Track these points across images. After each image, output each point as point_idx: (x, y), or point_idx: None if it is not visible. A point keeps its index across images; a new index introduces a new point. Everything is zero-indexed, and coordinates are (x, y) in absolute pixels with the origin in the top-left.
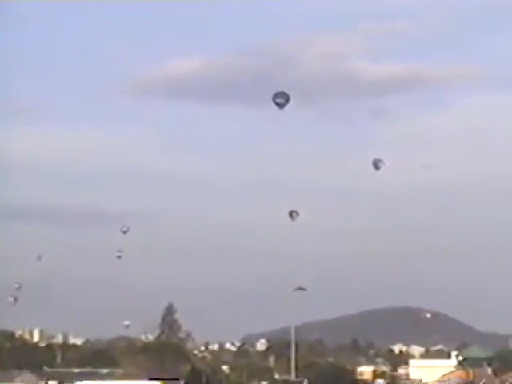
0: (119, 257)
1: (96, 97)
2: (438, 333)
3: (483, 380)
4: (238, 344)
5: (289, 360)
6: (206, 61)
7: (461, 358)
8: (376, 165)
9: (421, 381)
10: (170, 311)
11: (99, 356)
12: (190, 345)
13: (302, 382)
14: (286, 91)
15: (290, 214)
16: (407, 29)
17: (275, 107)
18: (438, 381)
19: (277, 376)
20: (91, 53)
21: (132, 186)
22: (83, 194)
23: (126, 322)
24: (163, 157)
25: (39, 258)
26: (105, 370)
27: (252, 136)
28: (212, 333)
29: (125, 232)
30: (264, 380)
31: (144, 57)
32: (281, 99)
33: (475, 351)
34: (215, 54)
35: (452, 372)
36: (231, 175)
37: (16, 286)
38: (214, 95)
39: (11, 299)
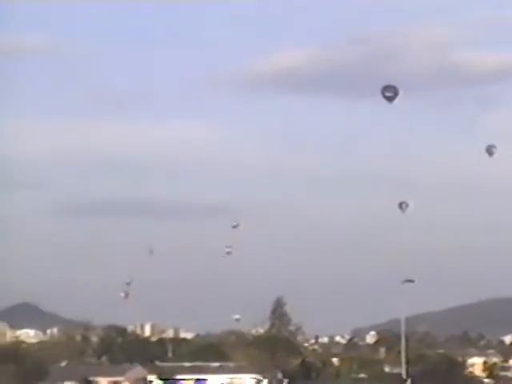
0: (229, 253)
1: (201, 90)
2: None
3: None
4: (347, 337)
5: (399, 352)
6: (313, 53)
7: None
8: (490, 151)
9: None
10: (279, 304)
11: (210, 350)
12: (300, 338)
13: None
14: (394, 84)
15: (400, 205)
16: None
17: (383, 100)
18: None
19: (387, 368)
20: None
21: (238, 179)
22: (188, 189)
23: (236, 316)
24: (270, 150)
25: (151, 252)
26: (215, 364)
27: (359, 128)
28: (322, 326)
29: (235, 227)
30: (374, 372)
31: (251, 49)
32: (390, 92)
33: None
34: (323, 45)
35: None
36: (337, 168)
37: (127, 281)
38: (321, 87)
39: (122, 294)
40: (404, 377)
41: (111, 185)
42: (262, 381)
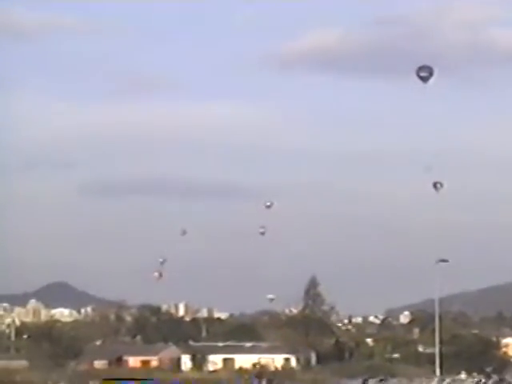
0: (263, 233)
1: (232, 70)
2: None
3: None
4: (381, 317)
5: (433, 332)
6: (343, 33)
7: None
8: None
9: None
10: (313, 284)
11: (243, 330)
12: (333, 318)
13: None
14: (428, 65)
15: (435, 185)
16: None
17: (417, 79)
18: None
19: (421, 348)
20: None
21: (272, 160)
22: (223, 168)
23: (270, 296)
24: (301, 130)
25: (183, 232)
26: (249, 344)
27: (392, 108)
28: (355, 306)
29: (268, 207)
30: (408, 352)
31: (282, 29)
32: (425, 73)
33: None
34: (353, 25)
35: None
36: (370, 147)
37: (160, 260)
38: (353, 68)
39: (156, 274)
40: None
41: (140, 165)
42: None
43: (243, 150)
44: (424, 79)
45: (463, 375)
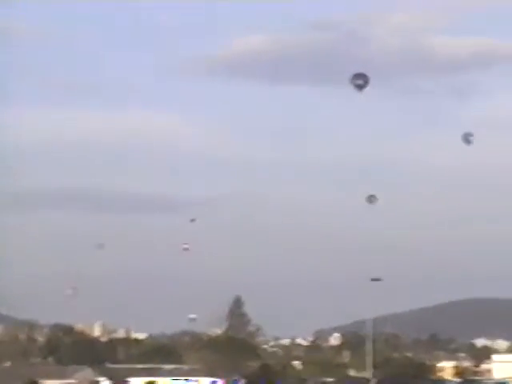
0: (186, 249)
1: (155, 77)
2: None
3: None
4: (310, 339)
5: (364, 355)
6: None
7: None
8: (466, 139)
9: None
10: (237, 304)
11: (163, 351)
12: (259, 339)
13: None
14: (364, 72)
15: (369, 199)
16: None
17: (352, 87)
18: None
19: (352, 372)
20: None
21: (195, 171)
22: (146, 181)
23: (192, 316)
24: (233, 141)
25: (100, 246)
26: (169, 366)
27: (320, 116)
28: (283, 327)
29: (193, 221)
30: (339, 376)
31: (206, 35)
32: (360, 81)
33: None
34: (279, 30)
35: None
36: (299, 159)
37: (75, 277)
38: (279, 74)
39: (70, 292)
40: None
41: (55, 175)
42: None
43: (166, 161)
44: (359, 87)
45: None
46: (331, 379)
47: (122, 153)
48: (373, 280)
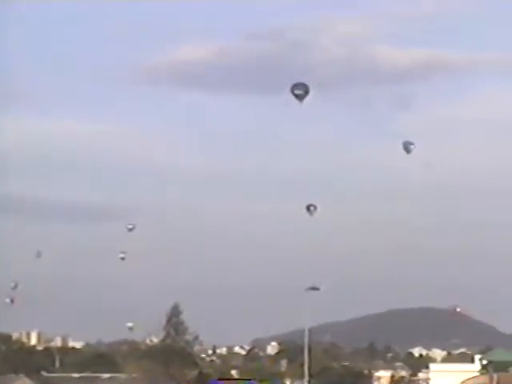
0: (123, 259)
1: (99, 84)
2: (461, 335)
3: None
4: (247, 347)
5: (302, 364)
6: (215, 48)
7: (485, 362)
8: (407, 148)
9: None
10: (175, 312)
11: (100, 360)
12: (197, 348)
13: None
14: (304, 82)
15: (308, 208)
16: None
17: (292, 97)
18: None
19: (288, 382)
20: (93, 37)
21: (134, 180)
22: (84, 188)
23: (129, 324)
24: (168, 149)
25: (38, 254)
26: (106, 375)
27: (265, 127)
28: (220, 336)
29: (130, 229)
30: None
31: (151, 43)
32: (300, 91)
33: (500, 354)
34: (225, 40)
35: (476, 377)
36: (243, 168)
37: (12, 285)
38: (224, 83)
39: (7, 300)
40: None
41: None
42: None
43: (106, 169)
44: (299, 97)
45: None
46: None
47: (55, 161)
48: (310, 289)
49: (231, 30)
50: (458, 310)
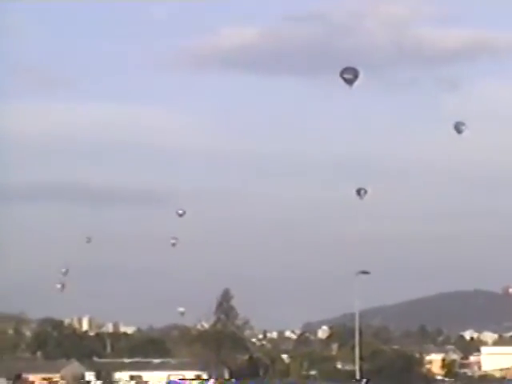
0: (174, 244)
1: (140, 69)
2: None
3: None
4: (298, 332)
5: (352, 348)
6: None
7: None
8: (458, 128)
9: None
10: (226, 297)
11: (151, 345)
12: (247, 333)
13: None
14: (354, 66)
15: (358, 191)
16: None
17: (341, 81)
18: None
19: (339, 365)
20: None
21: (182, 164)
22: (133, 174)
23: (181, 309)
24: (218, 133)
25: (88, 240)
26: (157, 360)
27: (310, 109)
28: (271, 320)
29: (181, 215)
30: (326, 369)
31: (194, 27)
32: (349, 75)
33: None
34: (268, 22)
35: None
36: (289, 151)
37: (63, 270)
38: (273, 66)
39: (59, 286)
40: (358, 375)
41: (38, 169)
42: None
43: (153, 154)
44: (349, 81)
45: None
46: (314, 372)
47: (105, 147)
48: (361, 273)
49: (273, 13)
50: (511, 290)
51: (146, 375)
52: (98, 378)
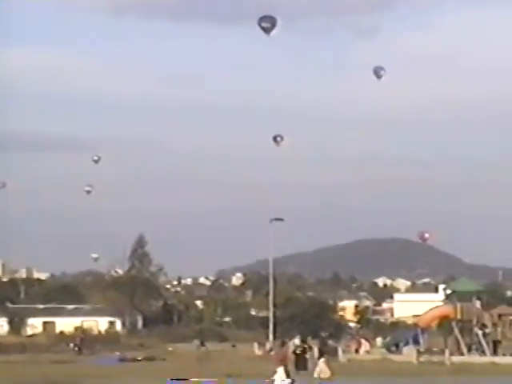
0: (89, 192)
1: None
2: (426, 266)
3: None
4: (212, 278)
5: (267, 295)
6: None
7: (448, 292)
8: (377, 73)
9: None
10: (140, 243)
11: (65, 291)
12: (161, 279)
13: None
14: (271, 15)
15: (275, 138)
16: None
17: (259, 30)
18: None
19: (253, 312)
20: None
21: (104, 112)
22: (55, 120)
23: (94, 255)
24: (137, 82)
25: (3, 185)
26: (71, 306)
27: (228, 58)
28: (185, 266)
29: (96, 161)
30: (240, 316)
31: None
32: (267, 23)
33: (464, 284)
34: None
35: (439, 306)
36: (208, 99)
37: None
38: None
39: None
40: (271, 321)
41: None
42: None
43: (74, 101)
44: (266, 30)
45: (297, 340)
46: (228, 319)
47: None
48: (275, 220)
49: None
50: (427, 235)
51: (59, 321)
52: (10, 323)
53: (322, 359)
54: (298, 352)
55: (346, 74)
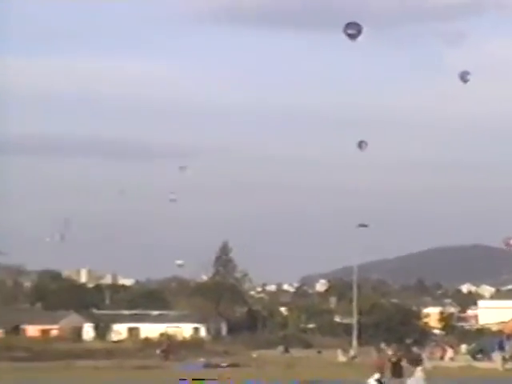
0: (174, 200)
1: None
2: (510, 272)
3: None
4: (296, 285)
5: (351, 301)
6: None
7: None
8: (463, 77)
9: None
10: (225, 250)
11: (150, 297)
12: (246, 285)
13: None
14: (357, 22)
15: (359, 144)
16: None
17: (345, 37)
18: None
19: (337, 318)
20: None
21: (183, 120)
22: (134, 128)
23: (179, 262)
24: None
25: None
26: (156, 312)
27: (313, 65)
28: (270, 273)
29: (182, 169)
30: (324, 322)
31: None
32: (353, 30)
33: None
34: None
35: None
36: (294, 106)
37: (62, 222)
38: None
39: (57, 237)
40: (355, 328)
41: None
42: None
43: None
44: (352, 36)
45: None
46: (312, 325)
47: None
48: (360, 226)
49: None
50: None
51: (144, 327)
52: (96, 329)
53: (420, 367)
54: (393, 360)
55: (433, 80)
